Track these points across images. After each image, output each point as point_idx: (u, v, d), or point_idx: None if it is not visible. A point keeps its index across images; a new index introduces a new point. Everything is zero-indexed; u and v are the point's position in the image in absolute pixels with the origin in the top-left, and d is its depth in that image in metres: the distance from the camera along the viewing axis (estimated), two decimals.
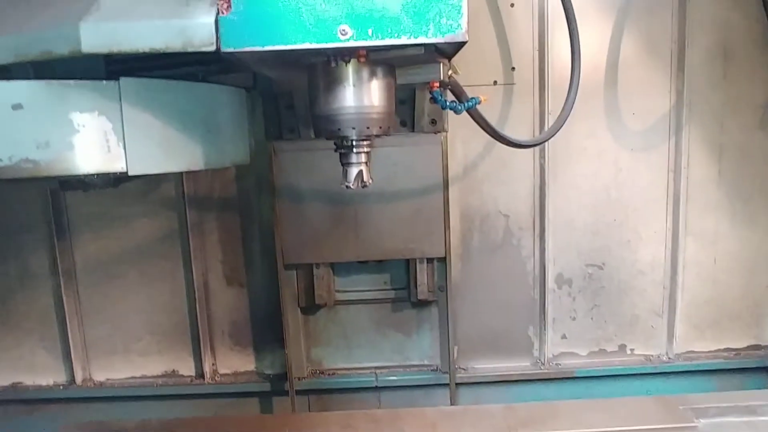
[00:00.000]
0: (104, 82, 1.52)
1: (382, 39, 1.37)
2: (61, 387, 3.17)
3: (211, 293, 3.11)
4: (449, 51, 1.65)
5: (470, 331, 3.11)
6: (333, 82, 1.63)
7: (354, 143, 1.69)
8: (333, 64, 1.57)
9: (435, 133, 2.76)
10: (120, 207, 2.98)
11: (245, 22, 1.38)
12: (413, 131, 2.75)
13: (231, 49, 1.40)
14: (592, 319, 3.13)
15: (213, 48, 1.42)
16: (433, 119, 2.73)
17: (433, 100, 1.88)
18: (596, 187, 3.00)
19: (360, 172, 1.73)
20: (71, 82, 1.48)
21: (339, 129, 1.66)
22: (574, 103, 2.53)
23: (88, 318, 3.11)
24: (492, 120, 2.88)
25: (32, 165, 1.47)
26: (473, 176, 2.98)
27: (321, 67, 1.64)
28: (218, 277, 3.09)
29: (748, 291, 3.10)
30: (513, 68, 2.89)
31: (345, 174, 1.74)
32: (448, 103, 1.92)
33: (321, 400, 3.17)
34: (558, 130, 2.55)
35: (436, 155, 2.77)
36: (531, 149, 2.91)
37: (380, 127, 1.69)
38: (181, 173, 2.92)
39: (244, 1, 1.38)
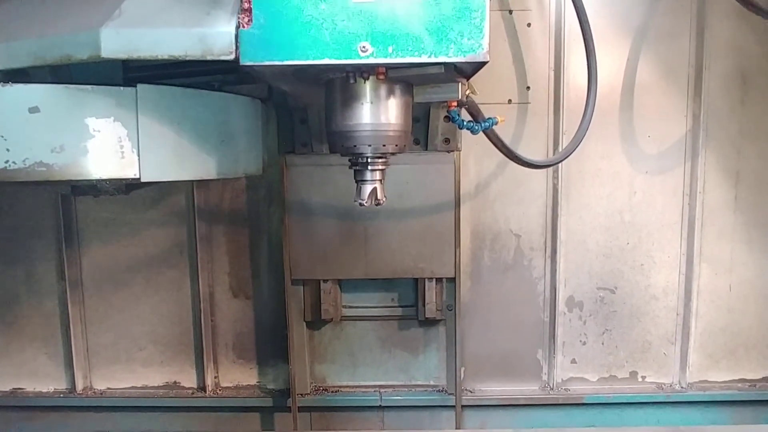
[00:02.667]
0: (121, 88, 1.52)
1: (402, 57, 1.37)
2: (61, 395, 3.13)
3: (216, 305, 3.07)
4: (468, 71, 1.64)
5: (478, 352, 3.06)
6: (351, 98, 1.63)
7: (369, 160, 1.69)
8: (352, 81, 1.57)
9: (448, 152, 2.75)
10: (129, 215, 2.98)
11: (266, 36, 1.38)
12: (426, 149, 2.74)
13: (250, 63, 1.40)
14: (603, 344, 3.07)
15: (232, 57, 1.41)
16: (447, 138, 2.72)
17: (451, 119, 1.87)
18: (610, 209, 2.96)
19: (374, 190, 1.71)
20: (89, 87, 1.48)
21: (355, 146, 1.66)
22: (589, 124, 2.51)
23: (91, 325, 3.08)
24: (506, 139, 2.86)
25: (46, 168, 1.47)
26: (485, 194, 2.95)
27: (339, 83, 1.64)
28: (224, 289, 3.06)
29: (764, 320, 3.04)
30: (528, 87, 2.87)
31: (359, 191, 1.73)
32: (465, 123, 1.90)
33: (323, 417, 3.11)
34: (573, 151, 2.53)
35: (448, 174, 2.76)
36: (544, 169, 2.88)
37: (396, 145, 1.68)
38: (192, 183, 2.92)
39: (265, 15, 1.38)
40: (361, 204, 1.72)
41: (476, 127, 1.93)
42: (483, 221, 2.97)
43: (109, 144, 1.51)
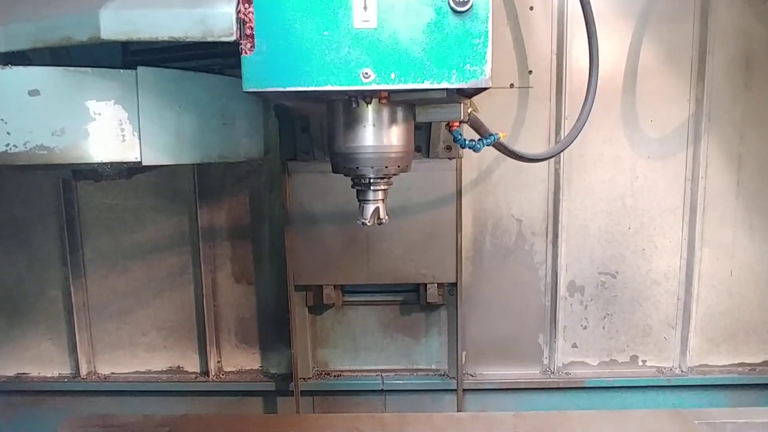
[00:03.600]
0: (121, 70, 1.50)
1: (404, 83, 1.36)
2: (66, 380, 3.15)
3: (218, 290, 3.09)
4: (471, 92, 1.64)
5: (479, 337, 3.07)
6: (353, 120, 1.63)
7: (372, 181, 1.69)
8: (354, 105, 1.57)
9: (449, 159, 2.75)
10: (131, 201, 2.98)
11: (268, 62, 1.37)
12: (428, 157, 2.75)
13: (253, 89, 1.39)
14: (603, 328, 3.08)
15: (232, 38, 1.40)
16: (448, 145, 2.72)
17: (453, 139, 1.88)
18: (612, 194, 2.96)
19: (377, 209, 1.72)
20: (89, 69, 1.46)
21: (357, 167, 1.66)
22: (590, 112, 2.47)
23: (95, 311, 3.10)
24: (507, 123, 2.87)
25: (47, 152, 1.46)
26: (487, 180, 2.95)
27: (341, 105, 1.65)
28: (226, 274, 3.07)
29: (764, 305, 3.04)
30: (530, 72, 2.86)
31: (361, 210, 1.73)
32: (467, 143, 1.91)
33: (326, 401, 3.14)
34: (573, 141, 2.49)
35: (450, 181, 2.77)
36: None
37: (398, 166, 1.69)
38: (193, 168, 2.91)
39: (268, 42, 1.37)
40: (363, 224, 1.72)
41: (479, 146, 1.95)
42: (485, 206, 2.97)
43: (109, 127, 1.49)
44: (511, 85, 2.86)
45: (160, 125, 1.58)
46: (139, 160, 1.54)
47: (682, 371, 3.09)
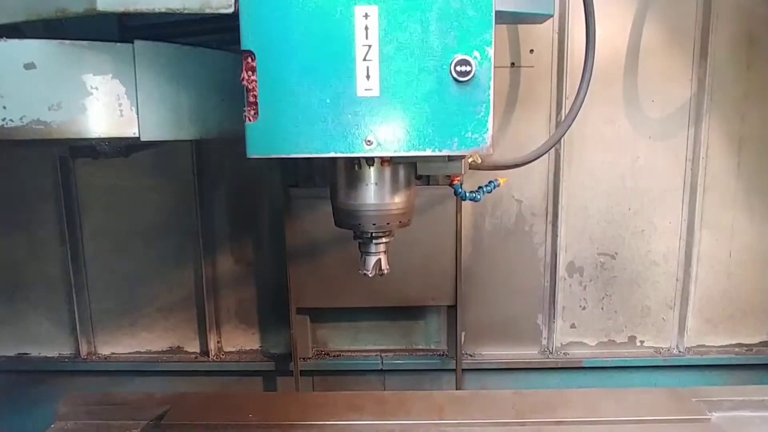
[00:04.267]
0: (118, 44, 1.48)
1: (407, 151, 1.38)
2: (67, 359, 3.16)
3: (218, 271, 3.09)
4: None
5: (478, 317, 3.08)
6: (355, 179, 1.66)
7: (373, 235, 1.72)
8: (357, 167, 1.62)
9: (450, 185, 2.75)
10: (129, 180, 2.96)
11: (272, 130, 1.38)
12: (429, 184, 2.77)
13: (257, 155, 1.40)
14: (602, 309, 3.09)
15: (231, 10, 1.38)
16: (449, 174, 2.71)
17: (454, 192, 1.92)
18: (612, 174, 2.95)
19: (378, 261, 1.76)
20: (85, 42, 1.45)
21: (359, 224, 1.70)
22: (584, 100, 2.29)
23: (94, 291, 3.10)
24: (509, 102, 2.85)
25: (44, 126, 1.45)
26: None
27: (343, 165, 1.67)
28: (226, 255, 3.07)
29: (763, 286, 3.05)
30: (531, 51, 2.83)
31: (363, 262, 1.77)
32: (467, 195, 1.94)
33: (325, 381, 3.16)
34: (562, 135, 2.39)
35: (450, 207, 2.80)
36: (546, 132, 2.85)
37: (400, 222, 1.73)
38: (192, 148, 2.90)
39: (271, 110, 1.37)
40: (365, 275, 1.76)
41: (478, 196, 1.97)
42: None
43: (107, 101, 1.47)
44: (512, 64, 2.83)
45: (158, 100, 1.56)
46: (137, 135, 1.53)
47: (679, 351, 3.11)
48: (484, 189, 1.93)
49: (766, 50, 2.83)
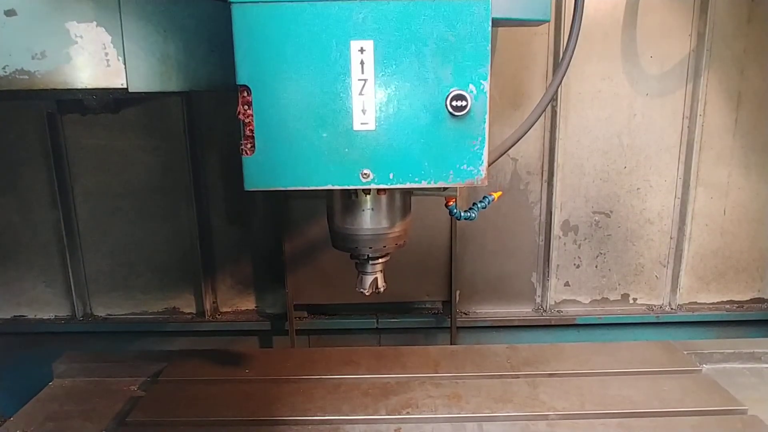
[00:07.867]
0: None
1: (402, 183, 1.39)
2: (63, 321, 3.17)
3: (213, 231, 3.07)
4: None
5: (473, 275, 3.10)
6: (351, 205, 1.67)
7: (369, 257, 1.73)
8: (353, 197, 1.63)
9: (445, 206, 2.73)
10: (119, 141, 2.91)
11: (270, 163, 1.39)
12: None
13: (255, 188, 1.41)
14: (596, 267, 3.11)
15: None
16: None
17: (449, 212, 1.88)
18: (608, 132, 2.92)
19: (375, 280, 1.77)
20: None
21: (356, 247, 1.71)
22: (571, 57, 2.14)
23: (88, 253, 3.09)
24: (505, 60, 2.79)
25: (28, 77, 1.41)
26: None
27: (340, 193, 1.68)
28: (220, 215, 3.05)
29: (755, 244, 3.08)
30: None
31: (360, 281, 1.79)
32: (462, 215, 1.90)
33: (321, 340, 3.18)
34: (545, 108, 2.33)
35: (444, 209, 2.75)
36: (542, 88, 2.81)
37: (396, 244, 1.74)
38: (182, 106, 2.84)
39: (268, 143, 1.37)
40: (362, 292, 1.77)
41: (473, 215, 1.93)
42: None
43: (92, 50, 1.44)
44: None
45: (145, 50, 1.52)
46: (125, 86, 1.49)
47: (671, 308, 3.15)
48: (479, 205, 1.93)
49: (767, 3, 2.77)
